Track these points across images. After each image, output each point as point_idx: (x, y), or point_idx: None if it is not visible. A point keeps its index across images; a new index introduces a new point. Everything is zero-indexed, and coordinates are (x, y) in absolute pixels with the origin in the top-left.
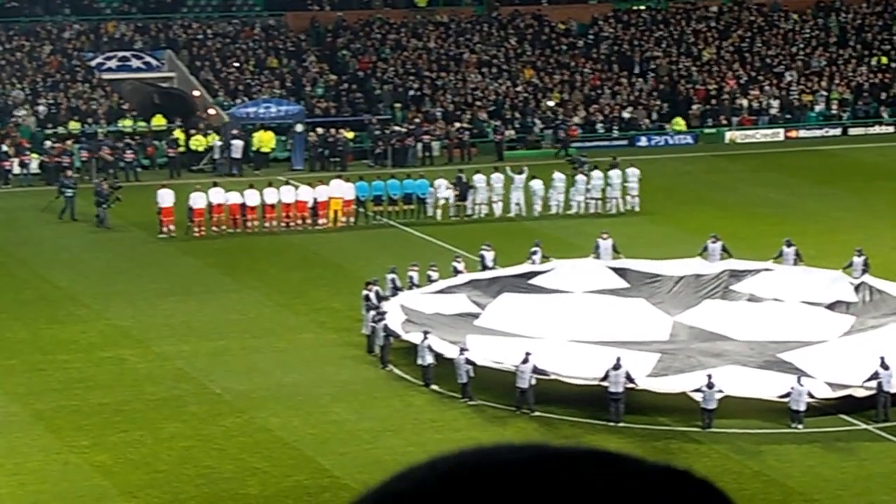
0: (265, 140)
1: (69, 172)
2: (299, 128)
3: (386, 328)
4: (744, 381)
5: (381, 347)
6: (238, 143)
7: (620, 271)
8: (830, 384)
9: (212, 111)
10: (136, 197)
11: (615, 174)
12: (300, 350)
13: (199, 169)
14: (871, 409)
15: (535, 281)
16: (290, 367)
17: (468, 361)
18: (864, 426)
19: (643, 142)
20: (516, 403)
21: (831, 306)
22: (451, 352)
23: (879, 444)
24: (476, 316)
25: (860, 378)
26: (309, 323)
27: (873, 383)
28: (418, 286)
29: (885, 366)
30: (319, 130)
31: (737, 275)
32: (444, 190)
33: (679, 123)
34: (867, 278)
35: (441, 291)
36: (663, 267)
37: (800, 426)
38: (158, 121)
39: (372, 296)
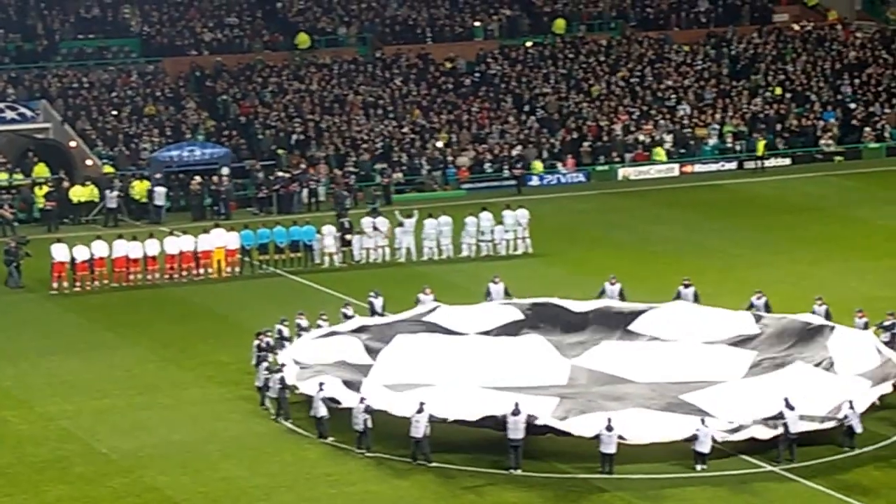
0: (141, 189)
1: None
2: (225, 171)
3: (282, 381)
4: (647, 425)
5: (277, 400)
6: (161, 190)
7: (517, 305)
8: (733, 425)
9: (89, 161)
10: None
11: (508, 215)
12: (187, 406)
13: (90, 220)
14: (774, 448)
15: (429, 318)
16: (177, 423)
17: (367, 410)
18: (769, 468)
19: (534, 181)
20: (412, 454)
21: (732, 342)
22: (348, 399)
23: (786, 484)
24: (369, 366)
25: (763, 417)
26: (195, 377)
27: (778, 423)
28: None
29: (790, 406)
30: (198, 178)
31: (635, 314)
32: (330, 237)
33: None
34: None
35: (331, 335)
36: (560, 305)
37: (704, 467)
38: (41, 171)
39: (263, 346)
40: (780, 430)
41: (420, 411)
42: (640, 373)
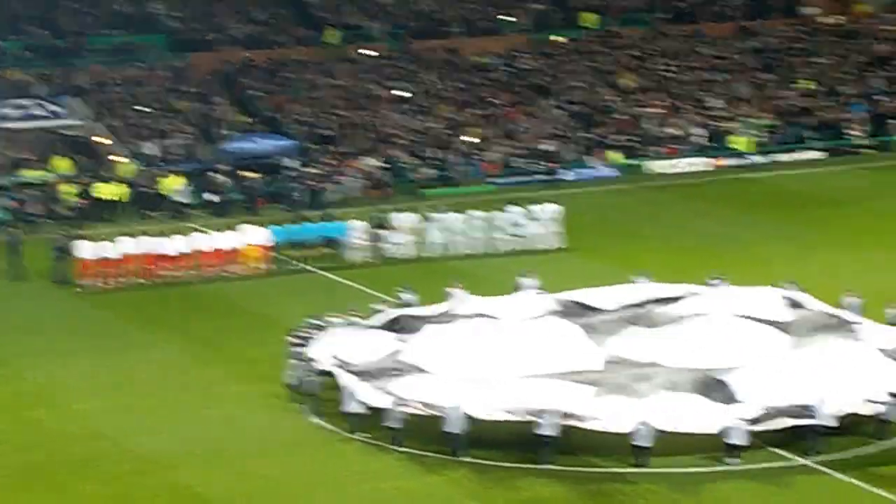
0: (169, 185)
1: (10, 229)
2: (288, 162)
3: (316, 372)
4: (679, 414)
5: (311, 396)
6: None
7: (549, 297)
8: (762, 412)
9: (118, 158)
10: (43, 250)
11: (536, 209)
12: (219, 403)
13: (162, 214)
14: (804, 440)
15: (460, 310)
16: (209, 420)
17: (398, 406)
18: (801, 460)
19: (567, 175)
20: (452, 450)
21: (765, 323)
22: (379, 399)
23: (818, 477)
24: (401, 352)
25: (795, 403)
26: (226, 374)
27: (807, 414)
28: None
29: (821, 402)
30: (219, 175)
31: (665, 301)
32: (361, 232)
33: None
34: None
35: (364, 329)
36: (591, 296)
37: (736, 461)
38: (64, 166)
39: (297, 342)
40: (810, 420)
41: (455, 406)
42: (670, 356)
